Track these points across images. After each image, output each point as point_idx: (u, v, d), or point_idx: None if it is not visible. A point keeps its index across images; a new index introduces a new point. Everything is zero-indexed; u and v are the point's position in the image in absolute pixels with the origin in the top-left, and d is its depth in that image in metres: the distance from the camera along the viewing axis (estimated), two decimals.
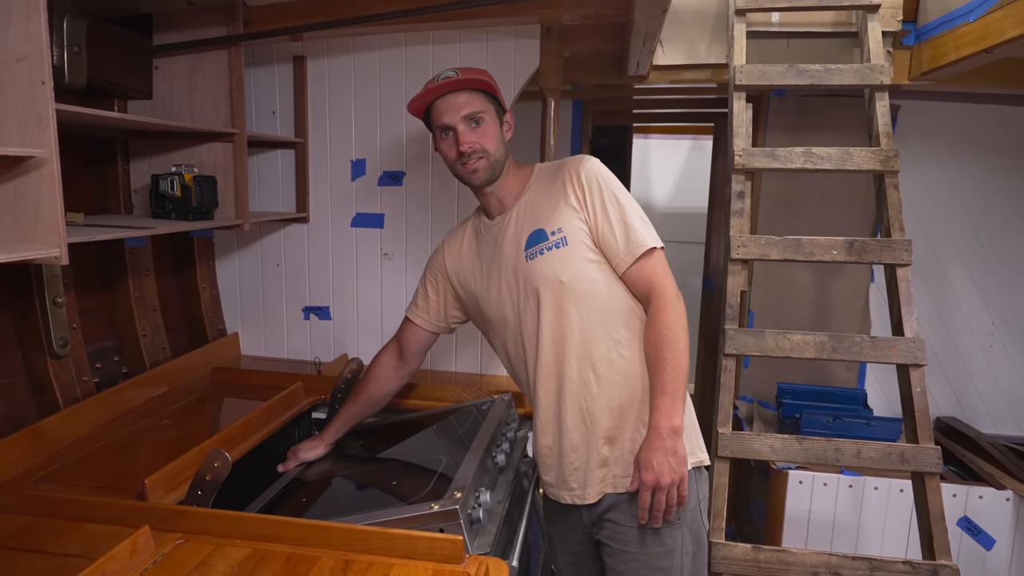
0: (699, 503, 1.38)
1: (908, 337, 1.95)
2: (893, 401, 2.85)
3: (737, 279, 2.08)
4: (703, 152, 4.98)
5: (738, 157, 2.13)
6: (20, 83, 1.04)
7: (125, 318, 1.92)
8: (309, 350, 2.35)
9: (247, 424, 1.64)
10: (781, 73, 2.17)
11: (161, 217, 1.76)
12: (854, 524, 2.47)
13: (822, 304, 2.91)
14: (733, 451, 1.95)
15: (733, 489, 2.96)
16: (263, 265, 2.34)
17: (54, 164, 1.06)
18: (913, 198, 2.78)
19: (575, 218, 1.36)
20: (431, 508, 1.17)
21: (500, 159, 1.42)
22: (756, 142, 2.79)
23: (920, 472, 1.90)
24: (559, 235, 1.36)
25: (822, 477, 2.44)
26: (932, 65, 2.17)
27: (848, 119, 2.70)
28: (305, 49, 2.17)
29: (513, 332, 1.44)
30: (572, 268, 1.34)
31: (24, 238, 1.09)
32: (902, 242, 2.00)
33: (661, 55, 2.44)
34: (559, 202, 1.38)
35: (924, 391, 1.93)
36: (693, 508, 1.36)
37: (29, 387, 1.61)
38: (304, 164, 2.23)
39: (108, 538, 1.16)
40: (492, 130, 1.40)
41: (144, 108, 1.87)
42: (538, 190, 1.43)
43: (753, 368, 2.97)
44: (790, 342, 1.98)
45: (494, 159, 1.40)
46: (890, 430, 2.51)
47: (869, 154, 2.08)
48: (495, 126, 1.41)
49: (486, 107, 1.39)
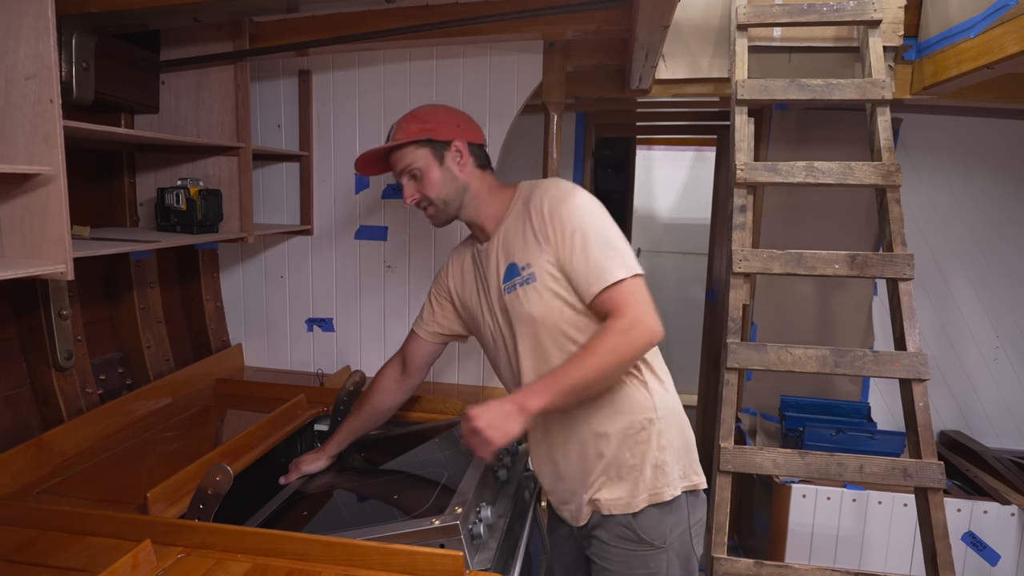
0: (689, 528, 1.36)
1: (911, 352, 1.95)
2: (897, 414, 2.84)
3: (739, 293, 2.08)
4: (706, 163, 4.99)
5: (740, 171, 2.14)
6: (29, 101, 1.05)
7: (129, 330, 1.94)
8: (312, 362, 2.36)
9: (249, 436, 1.65)
10: (783, 88, 2.18)
11: (166, 230, 1.78)
12: (858, 538, 2.45)
13: (825, 317, 2.91)
14: (735, 465, 1.95)
15: (736, 503, 2.95)
16: (267, 277, 2.35)
17: (61, 181, 1.07)
18: (916, 211, 2.78)
19: (540, 252, 1.33)
20: (432, 523, 1.18)
21: (450, 198, 1.43)
22: (758, 155, 2.80)
23: (923, 488, 1.89)
24: (528, 271, 1.35)
25: (825, 491, 2.43)
26: (934, 80, 2.18)
27: (850, 132, 2.71)
28: (310, 63, 2.19)
29: (503, 357, 1.46)
30: (543, 304, 1.33)
31: (31, 253, 1.10)
32: (904, 256, 2.01)
33: (663, 69, 2.46)
34: (527, 234, 1.37)
35: (927, 406, 1.92)
36: (682, 533, 1.35)
37: (34, 399, 1.62)
38: (308, 177, 2.25)
39: (110, 552, 1.17)
40: (432, 175, 1.41)
41: (151, 122, 1.89)
42: (516, 217, 1.41)
43: (756, 380, 2.96)
44: (792, 356, 1.98)
45: (442, 201, 1.43)
46: (893, 444, 2.50)
47: (871, 168, 2.08)
48: (435, 169, 1.41)
49: (418, 156, 1.40)
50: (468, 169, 1.44)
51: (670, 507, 1.33)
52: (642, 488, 1.33)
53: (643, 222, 5.38)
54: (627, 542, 1.34)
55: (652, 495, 1.32)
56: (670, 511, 1.34)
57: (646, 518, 1.33)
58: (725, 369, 2.02)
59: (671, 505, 1.33)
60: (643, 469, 1.32)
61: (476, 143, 1.47)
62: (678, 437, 1.35)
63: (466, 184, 1.43)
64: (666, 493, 1.32)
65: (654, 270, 5.59)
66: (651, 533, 1.33)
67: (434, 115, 1.44)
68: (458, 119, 1.46)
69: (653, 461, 1.33)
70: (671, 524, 1.34)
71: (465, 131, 1.45)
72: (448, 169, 1.42)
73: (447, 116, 1.45)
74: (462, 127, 1.45)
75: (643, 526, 1.33)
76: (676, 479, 1.34)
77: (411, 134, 1.41)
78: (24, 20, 1.03)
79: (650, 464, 1.32)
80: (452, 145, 1.42)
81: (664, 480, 1.33)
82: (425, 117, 1.43)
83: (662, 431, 1.33)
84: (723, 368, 2.03)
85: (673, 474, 1.34)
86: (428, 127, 1.41)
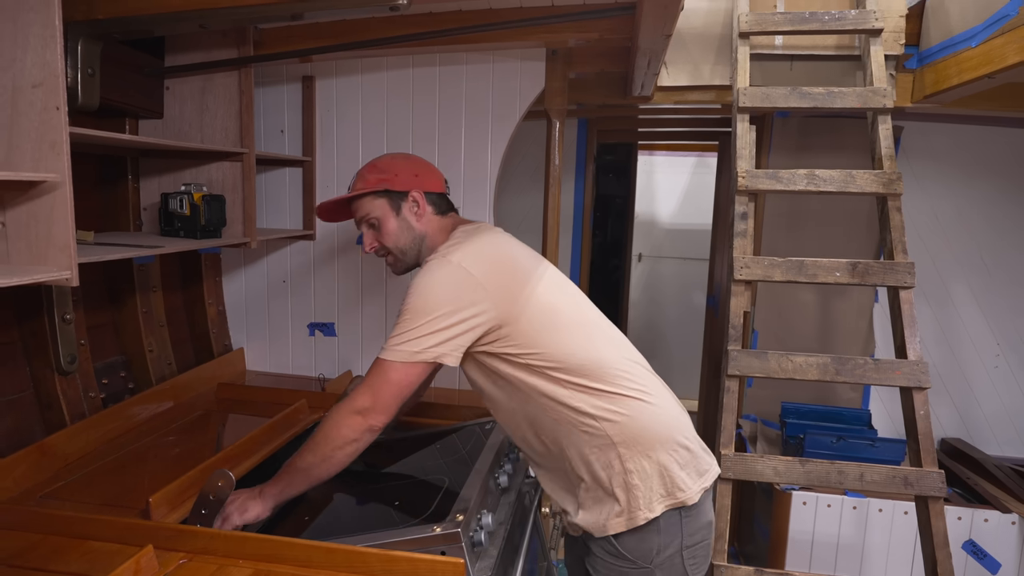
0: (682, 550, 1.30)
1: (912, 360, 1.95)
2: (898, 421, 2.83)
3: (740, 300, 2.08)
4: (708, 169, 5.00)
5: (741, 179, 2.15)
6: (36, 108, 1.06)
7: (132, 334, 1.94)
8: (314, 366, 2.36)
9: (251, 442, 1.65)
10: (784, 96, 2.19)
11: (170, 235, 1.79)
12: (858, 546, 2.45)
13: (826, 324, 2.91)
14: (736, 472, 1.95)
15: (736, 509, 2.95)
16: (269, 281, 2.36)
17: (67, 188, 1.08)
18: (917, 218, 2.79)
19: None
20: (433, 530, 1.18)
21: (407, 247, 1.48)
22: (760, 162, 2.80)
23: (924, 496, 1.89)
24: None
25: (826, 498, 2.43)
26: (935, 88, 2.19)
27: (851, 139, 2.71)
28: (314, 69, 2.20)
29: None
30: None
31: (36, 259, 1.11)
32: (905, 264, 2.01)
33: (666, 76, 2.47)
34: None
35: (928, 414, 1.92)
36: (673, 555, 1.30)
37: (37, 403, 1.63)
38: (311, 182, 2.26)
39: (112, 557, 1.17)
40: (388, 225, 1.46)
41: (155, 128, 1.90)
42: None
43: (757, 387, 2.96)
44: (793, 364, 1.99)
45: (399, 250, 1.48)
46: (894, 451, 2.50)
47: (872, 177, 2.09)
48: (391, 219, 1.46)
49: (375, 206, 1.46)
50: (425, 218, 1.47)
51: (656, 526, 1.28)
52: (615, 512, 1.29)
53: (644, 227, 5.39)
54: (613, 557, 1.31)
55: (628, 519, 1.28)
56: (656, 531, 1.28)
57: (629, 539, 1.29)
58: (726, 376, 2.03)
59: (655, 525, 1.28)
60: (615, 493, 1.29)
61: (435, 192, 1.50)
62: (647, 457, 1.29)
63: (423, 234, 1.47)
64: (639, 517, 1.27)
65: (655, 275, 5.59)
66: (635, 553, 1.30)
67: (392, 165, 1.48)
68: (416, 168, 1.49)
69: (621, 485, 1.28)
70: (659, 544, 1.29)
71: (423, 181, 1.48)
72: (404, 219, 1.46)
73: (405, 166, 1.48)
74: (420, 176, 1.48)
75: (627, 546, 1.29)
76: (653, 501, 1.28)
77: (369, 184, 1.45)
78: (31, 29, 1.04)
79: (619, 488, 1.29)
80: (409, 195, 1.46)
81: (636, 503, 1.28)
82: (383, 167, 1.47)
83: (624, 455, 1.28)
84: (724, 375, 2.04)
85: (647, 496, 1.28)
86: (385, 177, 1.45)
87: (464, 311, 1.28)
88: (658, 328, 5.54)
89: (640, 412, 1.31)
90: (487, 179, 2.15)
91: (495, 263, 1.35)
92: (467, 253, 1.34)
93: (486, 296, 1.28)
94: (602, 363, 1.32)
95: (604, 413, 1.29)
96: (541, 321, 1.32)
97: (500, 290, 1.30)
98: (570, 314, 1.38)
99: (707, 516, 1.37)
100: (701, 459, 1.37)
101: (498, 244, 1.43)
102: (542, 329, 1.31)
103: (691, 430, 1.39)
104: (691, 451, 1.35)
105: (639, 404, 1.31)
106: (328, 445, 1.30)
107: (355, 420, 1.30)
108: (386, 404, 1.30)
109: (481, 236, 1.42)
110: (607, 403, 1.30)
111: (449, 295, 1.29)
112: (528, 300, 1.32)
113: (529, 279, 1.36)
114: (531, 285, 1.35)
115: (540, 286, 1.36)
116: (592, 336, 1.37)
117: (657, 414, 1.33)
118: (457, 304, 1.28)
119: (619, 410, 1.30)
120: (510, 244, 1.46)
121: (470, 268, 1.30)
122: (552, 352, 1.30)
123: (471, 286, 1.29)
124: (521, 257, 1.42)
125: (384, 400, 1.29)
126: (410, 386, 1.30)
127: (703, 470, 1.36)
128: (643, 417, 1.31)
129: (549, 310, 1.34)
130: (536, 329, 1.30)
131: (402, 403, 1.34)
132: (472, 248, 1.36)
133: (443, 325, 1.27)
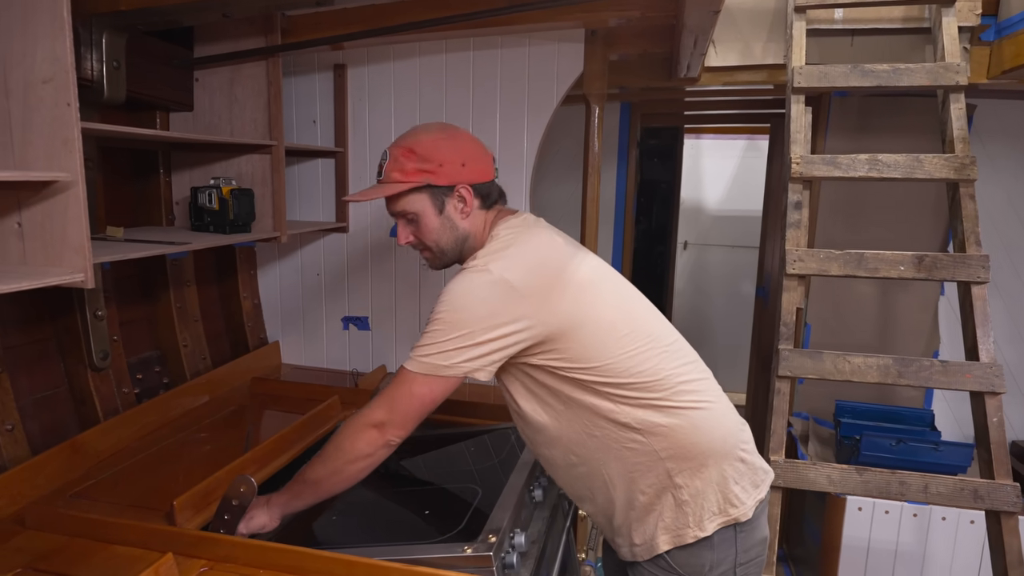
0: (735, 567, 1.22)
1: (984, 362, 1.78)
2: (964, 423, 2.65)
3: (792, 296, 1.95)
4: (759, 152, 4.78)
5: (795, 165, 2.00)
6: (47, 105, 1.03)
7: (166, 329, 1.94)
8: (348, 360, 2.33)
9: (281, 440, 1.62)
10: (844, 74, 2.02)
11: (200, 230, 1.76)
12: (918, 556, 2.30)
13: (886, 318, 2.73)
14: (787, 481, 1.83)
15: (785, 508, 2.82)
16: (303, 274, 2.33)
17: (80, 187, 1.04)
18: (989, 204, 2.57)
19: None
20: (464, 551, 1.13)
21: (448, 247, 1.29)
22: (815, 146, 2.63)
23: (996, 511, 1.74)
24: None
25: (883, 504, 2.28)
26: (1015, 63, 1.98)
27: (917, 120, 2.51)
28: (345, 57, 2.14)
29: None
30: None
31: (52, 261, 1.08)
32: (978, 258, 1.84)
33: (714, 56, 2.32)
34: None
35: (1001, 421, 1.76)
36: (725, 572, 1.21)
37: (71, 399, 1.63)
38: (344, 173, 2.21)
39: (135, 563, 1.16)
40: (429, 223, 1.26)
41: (185, 120, 1.87)
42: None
43: (808, 383, 2.81)
44: (851, 365, 1.85)
45: (439, 249, 1.30)
46: (960, 456, 2.33)
47: (942, 161, 1.91)
48: (432, 217, 1.26)
49: (414, 201, 1.25)
50: (472, 216, 1.28)
51: (709, 543, 1.20)
52: (661, 530, 1.21)
53: (690, 214, 5.20)
54: (661, 570, 1.24)
55: (675, 536, 1.20)
56: (710, 547, 1.20)
57: (679, 553, 1.21)
58: (776, 377, 1.90)
59: (707, 541, 1.20)
60: (662, 512, 1.21)
61: (484, 181, 1.29)
62: (700, 472, 1.19)
63: (467, 233, 1.28)
64: (688, 535, 1.19)
65: (701, 263, 5.41)
66: (685, 568, 1.21)
67: (435, 152, 1.24)
68: (464, 155, 1.26)
69: (670, 503, 1.20)
70: (712, 560, 1.20)
71: (472, 170, 1.26)
72: (448, 218, 1.27)
73: (451, 154, 1.25)
74: (468, 165, 1.26)
75: (677, 560, 1.22)
76: (704, 519, 1.19)
77: (408, 175, 1.23)
78: (40, 23, 1.00)
79: (668, 507, 1.20)
80: (455, 191, 1.25)
81: (685, 521, 1.20)
82: (425, 154, 1.23)
83: (673, 470, 1.19)
84: (774, 376, 1.91)
85: (697, 514, 1.19)
86: (428, 168, 1.23)
87: (504, 327, 1.14)
88: (704, 319, 5.36)
89: (693, 423, 1.20)
90: (523, 168, 2.07)
91: (541, 273, 1.20)
92: (511, 263, 1.18)
93: (530, 310, 1.15)
94: (656, 374, 1.19)
95: (652, 428, 1.18)
96: (591, 333, 1.18)
97: (546, 303, 1.16)
98: (623, 324, 1.22)
99: (762, 532, 1.27)
100: (757, 470, 1.27)
101: (544, 247, 1.26)
102: (592, 342, 1.18)
103: (749, 439, 1.28)
104: (747, 463, 1.25)
105: (693, 414, 1.20)
106: (340, 458, 1.22)
107: (371, 434, 1.20)
108: (405, 419, 1.20)
109: (526, 239, 1.25)
110: (657, 416, 1.19)
111: (487, 310, 1.15)
112: (576, 312, 1.18)
113: (578, 287, 1.21)
114: (581, 294, 1.20)
115: (590, 294, 1.21)
116: (646, 347, 1.22)
117: (711, 425, 1.22)
118: (496, 320, 1.14)
119: (670, 422, 1.19)
120: (556, 245, 1.28)
121: (513, 280, 1.15)
122: (601, 366, 1.17)
123: (514, 300, 1.15)
124: (569, 260, 1.24)
125: (404, 414, 1.19)
126: (434, 402, 1.19)
127: (758, 482, 1.26)
128: (696, 428, 1.20)
129: (599, 321, 1.20)
130: (584, 344, 1.17)
131: (424, 418, 1.23)
132: (516, 255, 1.20)
133: (478, 340, 1.14)
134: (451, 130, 1.31)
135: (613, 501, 1.24)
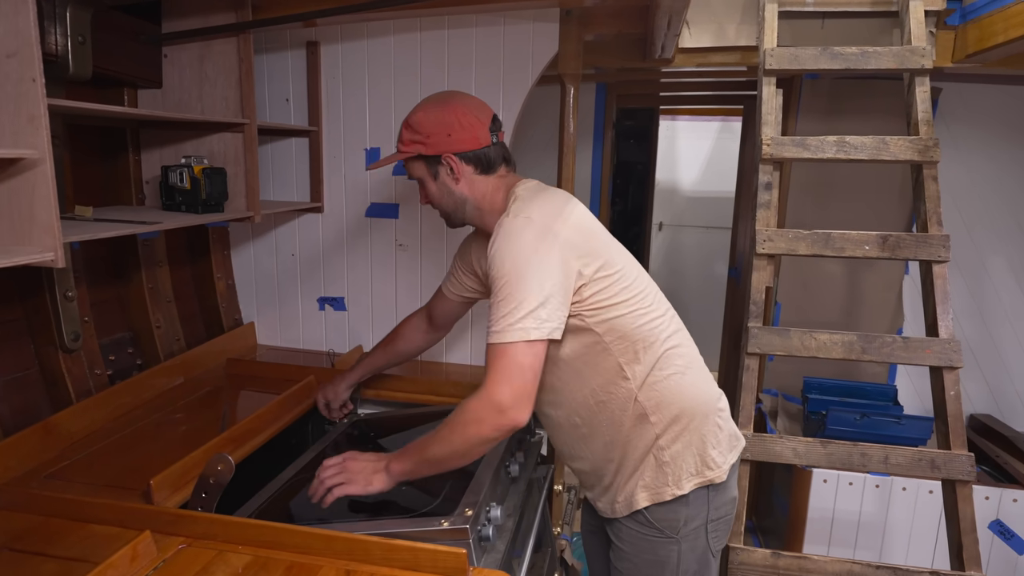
0: (706, 523, 1.31)
1: (943, 338, 1.85)
2: (925, 397, 2.74)
3: (762, 274, 1.99)
4: (732, 134, 4.82)
5: (766, 146, 2.04)
6: (11, 80, 1.00)
7: (138, 310, 1.92)
8: (324, 341, 2.33)
9: (257, 420, 1.62)
10: (814, 57, 2.05)
11: (171, 209, 1.74)
12: (880, 525, 2.39)
13: (853, 296, 2.80)
14: (754, 454, 1.89)
15: (754, 482, 2.90)
16: (278, 255, 2.32)
17: (48, 164, 1.03)
18: (953, 186, 2.64)
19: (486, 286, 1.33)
20: (441, 524, 1.15)
21: (451, 210, 1.40)
22: (787, 128, 2.67)
23: (951, 480, 1.82)
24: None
25: (847, 476, 2.37)
26: (979, 47, 2.04)
27: (886, 103, 2.57)
28: (318, 35, 2.11)
29: None
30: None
31: (20, 240, 1.07)
32: (939, 237, 1.90)
33: (687, 37, 2.34)
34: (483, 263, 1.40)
35: (959, 395, 1.84)
36: (698, 527, 1.31)
37: (42, 381, 1.61)
38: (318, 153, 2.19)
39: (112, 541, 1.16)
40: (429, 188, 1.39)
41: (154, 97, 1.84)
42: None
43: (779, 361, 2.88)
44: (817, 342, 1.90)
45: (443, 212, 1.42)
46: (921, 429, 2.42)
47: (907, 143, 1.96)
48: (430, 182, 1.38)
49: (414, 168, 1.38)
50: (464, 180, 1.35)
51: (684, 500, 1.29)
52: (641, 487, 1.30)
53: (665, 195, 5.25)
54: (639, 524, 1.32)
55: (654, 494, 1.29)
56: (685, 504, 1.29)
57: (657, 509, 1.30)
58: (745, 354, 1.95)
59: (683, 499, 1.29)
60: (643, 472, 1.30)
61: (472, 149, 1.33)
62: (683, 435, 1.29)
63: (464, 197, 1.37)
64: (666, 493, 1.29)
65: (676, 244, 5.47)
66: (662, 523, 1.31)
67: (425, 124, 1.33)
68: (450, 125, 1.31)
69: (651, 463, 1.29)
70: (686, 516, 1.30)
71: (457, 139, 1.32)
72: (443, 184, 1.37)
73: (438, 125, 1.32)
74: (454, 135, 1.31)
75: (655, 515, 1.31)
76: (682, 479, 1.29)
77: (405, 145, 1.36)
78: None
79: (649, 467, 1.29)
80: (442, 159, 1.34)
81: (664, 480, 1.29)
82: (416, 126, 1.34)
83: (659, 434, 1.28)
84: (743, 353, 1.96)
85: (676, 474, 1.29)
86: (418, 140, 1.34)
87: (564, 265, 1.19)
88: (679, 299, 5.37)
89: (680, 386, 1.29)
90: None
91: (574, 219, 1.26)
92: (545, 208, 1.24)
93: (578, 239, 1.23)
94: (659, 332, 1.29)
95: (648, 389, 1.27)
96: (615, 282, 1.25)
97: (589, 238, 1.26)
98: (635, 276, 1.31)
99: (732, 492, 1.38)
100: (732, 436, 1.37)
101: (569, 199, 1.34)
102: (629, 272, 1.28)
103: (725, 406, 1.39)
104: (723, 428, 1.35)
105: (679, 378, 1.29)
106: (465, 442, 1.17)
107: (497, 419, 1.13)
108: (528, 393, 1.14)
109: (551, 192, 1.34)
110: (653, 375, 1.27)
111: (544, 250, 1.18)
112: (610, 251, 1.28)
113: (605, 232, 1.32)
114: (610, 240, 1.32)
115: (615, 243, 1.33)
116: (655, 303, 1.32)
117: (695, 390, 1.32)
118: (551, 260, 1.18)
119: (661, 383, 1.28)
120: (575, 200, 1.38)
121: (552, 221, 1.22)
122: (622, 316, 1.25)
123: (559, 236, 1.20)
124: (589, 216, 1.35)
125: (525, 389, 1.13)
126: (539, 370, 1.16)
127: (733, 446, 1.37)
128: (682, 391, 1.29)
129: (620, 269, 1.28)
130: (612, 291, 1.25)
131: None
132: (546, 201, 1.27)
133: (549, 286, 1.16)
134: (447, 99, 1.37)
135: (610, 461, 1.32)
